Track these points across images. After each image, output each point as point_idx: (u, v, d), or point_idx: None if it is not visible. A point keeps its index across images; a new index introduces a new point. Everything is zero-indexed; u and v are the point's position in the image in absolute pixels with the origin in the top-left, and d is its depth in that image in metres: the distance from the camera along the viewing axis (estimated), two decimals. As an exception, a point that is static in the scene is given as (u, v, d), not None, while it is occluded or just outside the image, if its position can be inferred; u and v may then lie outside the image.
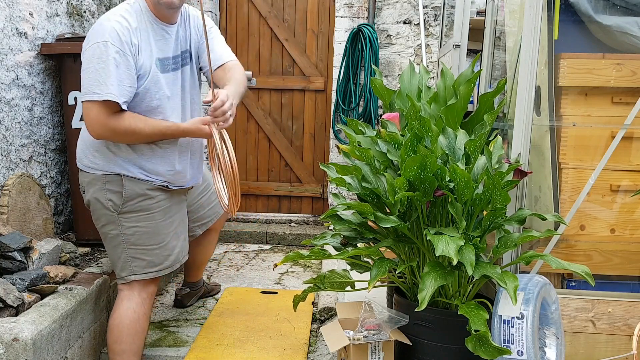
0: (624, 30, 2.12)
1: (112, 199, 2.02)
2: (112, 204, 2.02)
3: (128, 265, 2.06)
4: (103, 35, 1.84)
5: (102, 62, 1.82)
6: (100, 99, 1.82)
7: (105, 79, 1.82)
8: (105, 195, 2.02)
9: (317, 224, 4.45)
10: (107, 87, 1.82)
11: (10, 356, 1.66)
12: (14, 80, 2.54)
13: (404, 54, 4.22)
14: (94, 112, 1.85)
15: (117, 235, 2.04)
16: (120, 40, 1.86)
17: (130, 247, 2.05)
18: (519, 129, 2.02)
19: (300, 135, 4.49)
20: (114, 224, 2.04)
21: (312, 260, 3.68)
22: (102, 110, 1.84)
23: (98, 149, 2.02)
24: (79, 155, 2.10)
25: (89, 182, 2.05)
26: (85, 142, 2.07)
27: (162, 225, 2.09)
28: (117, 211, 2.03)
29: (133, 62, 1.89)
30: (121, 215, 2.03)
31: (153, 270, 2.09)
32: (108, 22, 1.87)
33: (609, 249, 2.14)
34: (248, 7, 4.39)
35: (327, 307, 2.73)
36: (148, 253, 2.06)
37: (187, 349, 2.35)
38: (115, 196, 2.02)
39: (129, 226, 2.04)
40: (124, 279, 2.07)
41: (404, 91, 2.30)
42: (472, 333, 1.64)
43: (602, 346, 2.00)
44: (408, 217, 1.93)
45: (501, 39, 2.75)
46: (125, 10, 1.93)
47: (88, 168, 2.05)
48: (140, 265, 2.06)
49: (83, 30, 3.15)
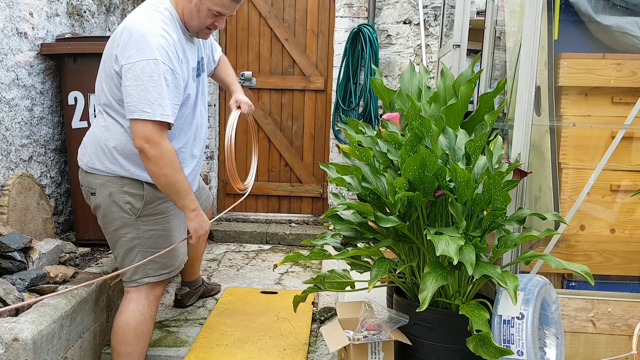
0: (624, 30, 2.12)
1: (131, 202, 2.00)
2: (131, 207, 2.00)
3: (142, 268, 2.04)
4: (152, 53, 1.83)
5: (153, 81, 1.82)
6: (154, 118, 1.83)
7: (157, 98, 1.83)
8: (124, 198, 1.99)
9: (317, 224, 4.45)
10: (161, 108, 1.83)
11: (10, 356, 1.66)
12: (14, 80, 2.54)
13: (404, 54, 4.22)
14: (146, 130, 1.84)
15: (133, 238, 2.03)
16: (170, 58, 1.86)
17: (147, 250, 2.03)
18: (519, 129, 2.02)
19: (300, 135, 4.49)
20: (131, 227, 2.02)
21: (312, 260, 3.67)
22: (155, 129, 1.84)
23: (125, 154, 1.97)
24: (88, 158, 2.03)
25: (102, 184, 2.01)
26: (101, 146, 2.00)
27: (174, 227, 2.10)
28: (136, 214, 2.01)
29: (180, 78, 1.91)
30: (139, 218, 2.01)
31: (165, 272, 2.09)
32: (154, 38, 1.84)
33: (609, 249, 2.14)
34: (248, 7, 4.39)
35: (327, 307, 2.73)
36: (161, 255, 2.05)
37: (187, 349, 2.35)
38: (135, 199, 2.00)
39: (147, 229, 2.03)
40: (137, 282, 2.05)
41: (404, 91, 2.30)
42: (474, 333, 1.64)
43: (602, 346, 2.00)
44: (408, 217, 1.93)
45: (501, 39, 2.75)
46: (161, 21, 1.90)
47: (100, 171, 2.00)
48: (154, 267, 2.06)
49: (83, 30, 3.15)
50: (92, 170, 2.03)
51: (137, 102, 1.83)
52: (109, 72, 1.94)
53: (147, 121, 1.83)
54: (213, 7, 1.93)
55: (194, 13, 1.95)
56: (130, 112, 1.85)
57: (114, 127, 1.98)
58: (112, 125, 1.99)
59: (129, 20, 1.92)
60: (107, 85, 1.96)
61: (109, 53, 1.96)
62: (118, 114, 1.97)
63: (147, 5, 1.97)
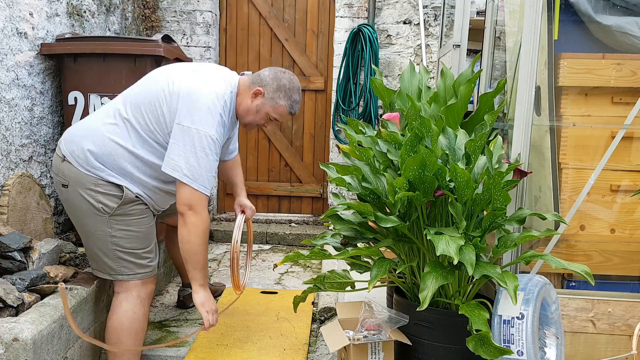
0: (624, 30, 2.12)
1: (105, 202, 1.98)
2: (103, 206, 1.99)
3: (116, 266, 2.04)
4: (210, 129, 1.95)
5: (205, 155, 1.95)
6: (204, 191, 1.98)
7: (207, 172, 1.97)
8: (96, 197, 1.98)
9: (317, 224, 4.45)
10: (208, 182, 1.99)
11: (10, 356, 1.66)
12: (14, 80, 2.54)
13: (404, 54, 4.22)
14: (194, 198, 1.97)
15: (106, 235, 2.01)
16: (222, 139, 2.04)
17: (120, 250, 2.02)
18: (519, 129, 2.02)
19: (300, 135, 4.49)
20: (104, 224, 2.00)
21: (312, 260, 3.68)
22: (201, 199, 1.98)
23: (113, 165, 1.98)
24: (75, 147, 2.00)
25: (77, 180, 1.99)
26: (100, 139, 1.99)
27: (150, 229, 2.10)
28: (109, 213, 2.00)
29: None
30: (113, 217, 2.00)
31: (142, 272, 2.07)
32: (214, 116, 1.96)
33: (609, 249, 2.14)
34: (248, 7, 4.39)
35: (327, 307, 2.73)
36: (138, 255, 2.05)
37: (187, 349, 2.35)
38: (110, 200, 1.99)
39: (120, 228, 2.01)
40: (113, 278, 2.05)
41: (404, 91, 2.30)
42: (473, 333, 1.64)
43: (602, 346, 2.00)
44: (408, 217, 1.93)
45: (501, 39, 2.75)
46: (224, 100, 2.02)
47: (80, 166, 1.99)
48: (129, 267, 2.05)
49: (83, 30, 3.15)
50: (71, 160, 1.99)
51: (189, 168, 1.93)
52: (154, 103, 1.99)
53: (196, 190, 1.95)
54: (272, 113, 2.13)
55: (251, 111, 2.12)
56: (180, 174, 1.94)
57: (122, 138, 2.00)
58: (121, 136, 2.00)
59: (199, 82, 2.00)
60: (144, 108, 2.00)
61: (165, 88, 1.99)
62: (136, 135, 2.00)
63: (218, 75, 2.08)
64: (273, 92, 2.09)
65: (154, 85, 2.03)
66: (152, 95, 2.00)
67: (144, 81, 2.10)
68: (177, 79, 2.01)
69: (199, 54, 4.27)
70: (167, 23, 4.27)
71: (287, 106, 2.12)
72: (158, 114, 1.98)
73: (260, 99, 2.10)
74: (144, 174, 2.03)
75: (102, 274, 2.08)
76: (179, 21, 4.27)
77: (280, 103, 2.10)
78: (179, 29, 4.27)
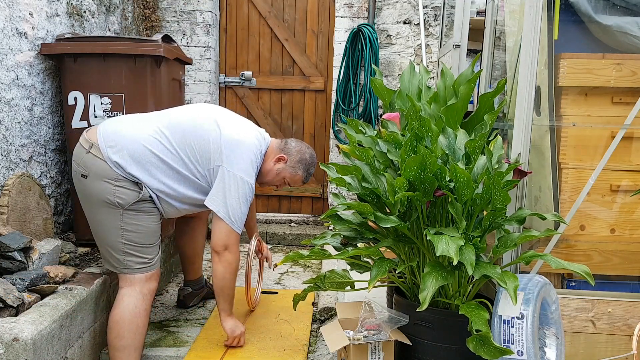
0: (624, 30, 2.12)
1: (122, 197, 2.06)
2: (119, 201, 2.06)
3: (122, 259, 2.10)
4: (252, 177, 2.21)
5: (245, 199, 2.18)
6: (235, 229, 2.18)
7: (241, 215, 2.19)
8: (115, 192, 2.06)
9: (317, 224, 4.45)
10: (241, 223, 2.20)
11: (10, 356, 1.66)
12: (14, 80, 2.54)
13: (404, 54, 4.22)
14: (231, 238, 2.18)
15: (115, 227, 2.08)
16: (255, 186, 2.28)
17: (126, 243, 2.09)
18: (519, 129, 2.02)
19: (300, 135, 4.49)
20: (116, 217, 2.08)
21: (312, 260, 3.68)
22: (237, 240, 2.22)
23: (146, 169, 2.10)
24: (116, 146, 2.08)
25: (99, 172, 2.05)
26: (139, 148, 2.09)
27: (158, 227, 2.19)
28: (123, 207, 2.08)
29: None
30: (126, 211, 2.08)
31: (146, 266, 2.14)
32: (253, 165, 2.22)
33: (609, 249, 2.14)
34: (248, 7, 4.39)
35: (327, 307, 2.73)
36: (143, 251, 2.13)
37: (187, 349, 2.35)
38: (127, 196, 2.06)
39: (131, 222, 2.09)
40: (118, 271, 2.13)
41: (404, 91, 2.30)
42: (473, 333, 1.64)
43: (602, 346, 2.00)
44: (408, 217, 1.93)
45: (501, 39, 2.75)
46: (260, 154, 2.28)
47: (109, 160, 2.06)
48: (134, 260, 2.11)
49: (83, 30, 3.15)
50: (105, 153, 2.06)
51: (231, 210, 2.15)
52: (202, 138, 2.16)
53: (233, 231, 2.17)
54: (288, 179, 2.39)
55: (272, 173, 2.36)
56: (224, 214, 2.14)
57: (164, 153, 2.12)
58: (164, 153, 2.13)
59: (243, 133, 2.22)
60: (193, 139, 2.15)
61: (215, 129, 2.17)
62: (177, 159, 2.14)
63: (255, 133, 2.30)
64: (295, 162, 2.36)
65: (201, 121, 2.20)
66: (204, 129, 2.17)
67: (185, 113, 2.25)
68: (223, 124, 2.20)
69: (199, 54, 4.28)
70: (167, 23, 4.27)
71: (303, 177, 2.41)
72: (204, 150, 2.16)
73: (282, 164, 2.35)
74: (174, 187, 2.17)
75: (109, 266, 2.16)
76: (179, 21, 4.27)
77: (298, 173, 2.38)
78: (179, 29, 4.27)
